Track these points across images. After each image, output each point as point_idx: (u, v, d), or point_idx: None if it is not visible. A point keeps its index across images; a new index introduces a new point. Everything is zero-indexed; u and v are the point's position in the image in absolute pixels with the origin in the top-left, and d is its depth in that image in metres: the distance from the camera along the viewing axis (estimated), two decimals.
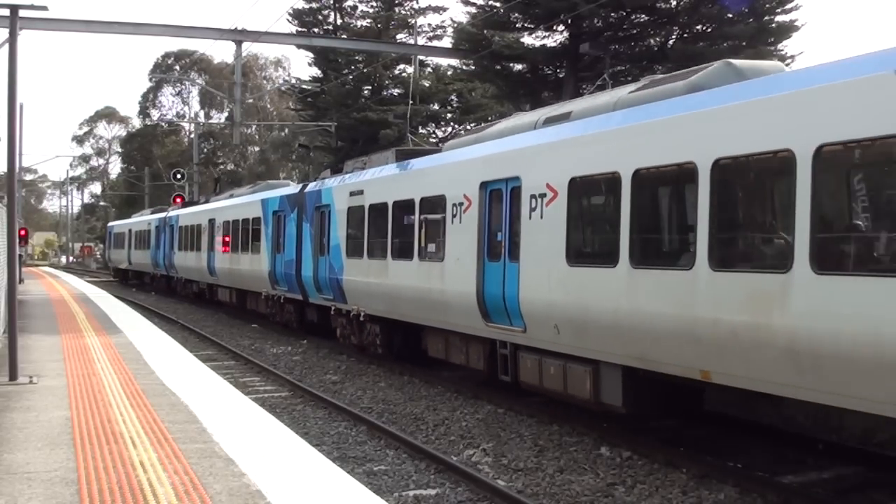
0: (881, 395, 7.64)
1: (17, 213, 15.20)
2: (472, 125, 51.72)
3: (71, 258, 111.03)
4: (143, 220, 49.51)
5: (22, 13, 14.04)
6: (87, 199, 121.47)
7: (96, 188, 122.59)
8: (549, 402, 14.34)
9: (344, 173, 21.83)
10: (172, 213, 42.18)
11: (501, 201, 13.70)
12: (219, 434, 9.54)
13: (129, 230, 53.16)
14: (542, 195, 12.44)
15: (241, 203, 30.15)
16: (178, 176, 57.04)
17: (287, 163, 78.93)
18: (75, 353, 16.48)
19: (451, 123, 50.55)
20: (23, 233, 38.23)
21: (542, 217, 12.45)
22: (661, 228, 11.16)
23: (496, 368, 14.22)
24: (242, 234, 28.97)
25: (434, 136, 49.30)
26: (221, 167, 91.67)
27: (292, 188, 25.78)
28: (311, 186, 23.32)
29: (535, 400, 14.57)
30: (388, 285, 17.67)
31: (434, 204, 15.95)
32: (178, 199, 50.10)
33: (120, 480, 7.68)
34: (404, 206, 17.20)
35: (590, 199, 12.29)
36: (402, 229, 17.38)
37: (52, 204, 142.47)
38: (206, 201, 38.51)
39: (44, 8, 13.51)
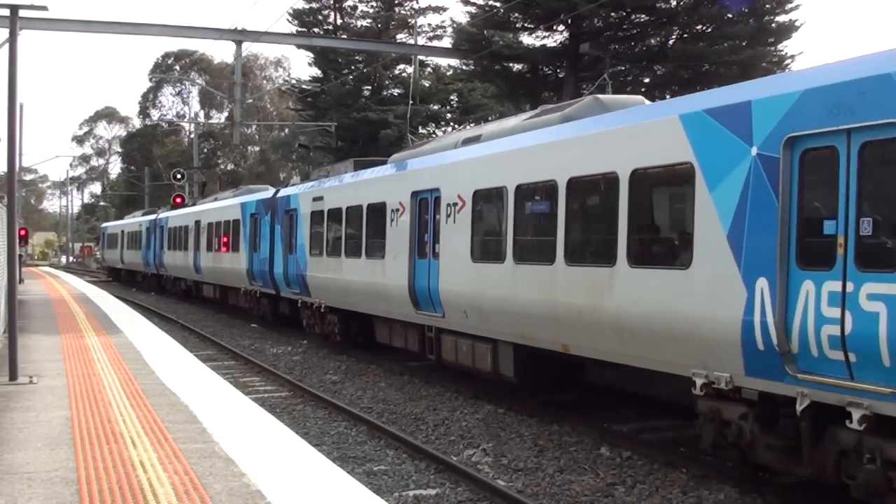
0: (672, 358, 10.14)
1: (17, 213, 15.20)
2: (471, 125, 51.83)
3: (71, 258, 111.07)
4: (135, 221, 51.80)
5: (22, 13, 14.04)
6: (87, 199, 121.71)
7: (96, 188, 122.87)
8: (550, 403, 14.36)
9: (311, 180, 24.50)
10: (162, 214, 44.08)
11: (427, 208, 16.30)
12: (219, 434, 9.54)
13: (122, 231, 55.57)
14: (455, 204, 15.07)
15: (223, 206, 32.38)
16: (178, 176, 57.06)
17: (287, 163, 78.93)
18: (75, 353, 16.48)
19: (451, 123, 50.55)
20: (23, 233, 38.28)
21: (454, 222, 15.09)
22: (533, 232, 13.44)
23: (426, 350, 16.63)
24: (224, 235, 31.09)
25: (434, 136, 49.31)
26: (221, 168, 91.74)
27: (267, 193, 28.07)
28: (283, 192, 25.80)
29: (535, 400, 14.58)
30: (342, 280, 20.18)
31: (378, 209, 18.35)
32: (178, 199, 50.11)
33: (120, 480, 7.68)
34: (355, 211, 19.68)
35: (487, 207, 14.64)
36: (353, 231, 19.84)
37: (52, 204, 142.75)
38: (194, 204, 40.84)
39: (44, 8, 13.51)
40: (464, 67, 42.56)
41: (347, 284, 19.86)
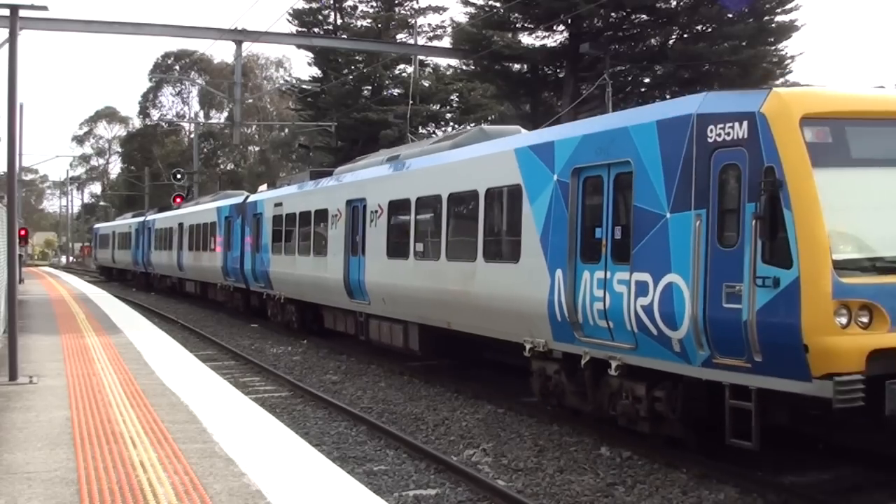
0: (513, 329, 13.52)
1: (17, 213, 15.21)
2: (472, 125, 51.82)
3: (71, 258, 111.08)
4: (125, 222, 55.71)
5: (22, 13, 14.04)
6: (87, 199, 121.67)
7: (96, 188, 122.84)
8: (550, 402, 14.36)
9: (275, 188, 28.30)
10: (150, 217, 47.52)
11: (358, 214, 19.73)
12: (219, 434, 9.55)
13: (113, 232, 59.32)
14: (376, 211, 18.61)
15: (201, 210, 35.80)
16: (178, 176, 57.10)
17: (287, 163, 78.89)
18: (75, 353, 16.49)
19: (451, 123, 50.55)
20: (23, 233, 38.31)
21: (376, 226, 18.59)
22: (428, 235, 16.68)
23: (359, 332, 20.19)
24: (203, 236, 34.50)
25: (434, 136, 49.31)
26: (221, 168, 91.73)
27: (239, 198, 31.20)
28: (251, 198, 29.35)
29: (535, 400, 14.59)
30: (296, 275, 23.62)
31: (322, 214, 21.85)
32: (178, 199, 50.20)
33: (120, 480, 7.68)
34: (306, 215, 23.12)
35: (398, 215, 17.94)
36: (304, 232, 23.31)
37: (52, 204, 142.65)
38: (178, 207, 44.53)
39: (44, 8, 13.51)
40: (464, 67, 42.58)
41: (300, 279, 23.36)
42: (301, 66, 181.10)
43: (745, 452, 10.67)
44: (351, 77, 47.41)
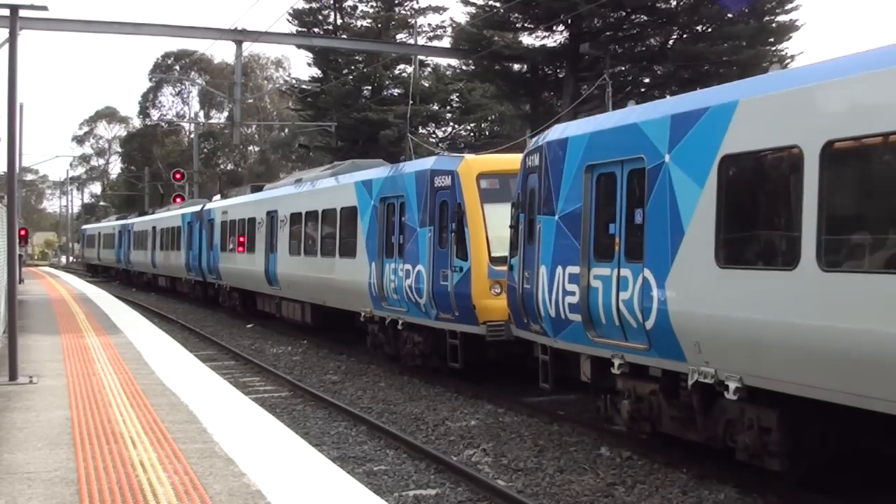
0: (357, 304, 19.31)
1: (17, 213, 15.21)
2: (471, 125, 51.81)
3: (71, 258, 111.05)
4: (110, 225, 62.85)
5: (22, 13, 14.04)
6: (87, 199, 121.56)
7: (96, 188, 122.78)
8: (549, 403, 14.36)
9: (226, 198, 35.09)
10: (130, 220, 53.56)
11: (273, 221, 25.80)
12: (219, 434, 9.54)
13: (99, 233, 66.93)
14: (283, 220, 24.92)
15: (170, 216, 42.29)
16: (178, 176, 57.07)
17: (287, 163, 78.87)
18: (75, 353, 16.49)
19: (451, 123, 50.54)
20: (23, 233, 38.36)
21: (282, 231, 24.95)
22: (306, 240, 23.19)
23: (277, 312, 26.41)
24: (171, 238, 40.50)
25: (434, 136, 49.32)
26: (221, 168, 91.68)
27: (199, 206, 36.93)
28: (207, 206, 35.42)
29: (535, 400, 14.60)
30: (237, 268, 29.93)
31: (252, 221, 28.13)
32: (178, 199, 50.26)
33: (120, 480, 7.68)
34: (241, 222, 29.51)
35: (295, 224, 24.02)
36: (241, 235, 29.40)
37: (52, 204, 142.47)
38: (153, 212, 50.44)
39: (44, 8, 13.51)
40: (464, 67, 42.59)
41: (240, 271, 29.56)
42: (301, 66, 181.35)
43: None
44: (351, 77, 47.40)
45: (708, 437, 10.18)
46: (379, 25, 49.52)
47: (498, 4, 33.91)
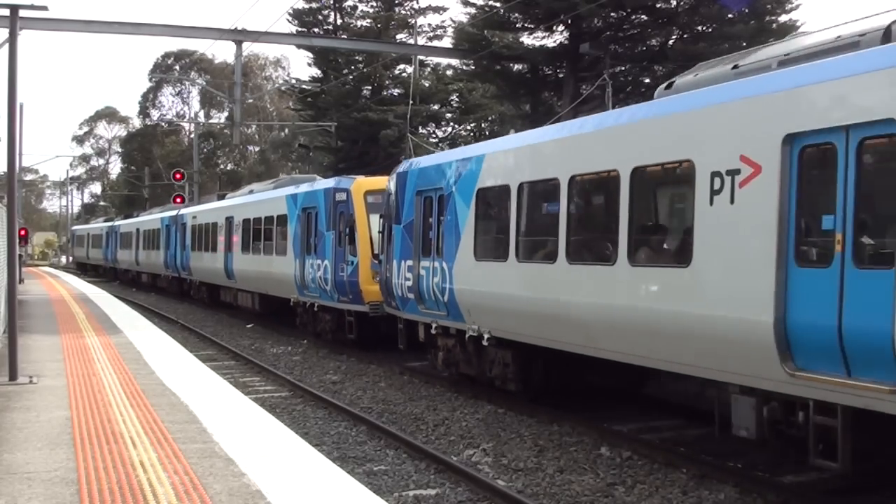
0: (287, 292, 24.77)
1: (17, 213, 15.21)
2: (471, 125, 51.73)
3: (70, 258, 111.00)
4: (98, 226, 69.61)
5: (22, 13, 14.04)
6: (87, 199, 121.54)
7: (96, 188, 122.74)
8: (550, 403, 14.37)
9: (223, 199, 38.60)
10: (116, 223, 60.03)
11: (230, 225, 31.16)
12: (219, 434, 9.55)
13: (88, 234, 74.12)
14: (238, 225, 30.10)
15: (151, 219, 47.73)
16: (178, 176, 57.01)
17: (287, 163, 78.84)
18: (75, 353, 16.49)
19: (451, 123, 50.50)
20: (23, 233, 38.39)
21: (237, 233, 30.06)
22: (254, 241, 28.07)
23: (234, 301, 32.10)
24: (152, 239, 45.80)
25: (434, 136, 49.28)
26: (221, 168, 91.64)
27: (174, 212, 42.36)
28: (181, 212, 40.68)
29: (534, 401, 14.60)
30: (203, 266, 35.22)
31: (215, 225, 33.24)
32: (178, 199, 50.28)
33: (120, 480, 7.68)
34: (207, 226, 34.55)
35: (246, 227, 29.23)
36: (208, 237, 34.26)
37: (52, 204, 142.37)
38: (137, 216, 56.12)
39: (44, 8, 13.50)
40: (464, 67, 42.50)
41: (206, 268, 34.83)
42: (301, 66, 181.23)
43: (747, 453, 10.68)
44: (351, 77, 47.35)
45: (479, 372, 15.23)
46: (379, 25, 49.46)
47: (498, 4, 33.86)
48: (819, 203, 8.51)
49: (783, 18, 31.37)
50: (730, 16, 30.92)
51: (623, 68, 33.78)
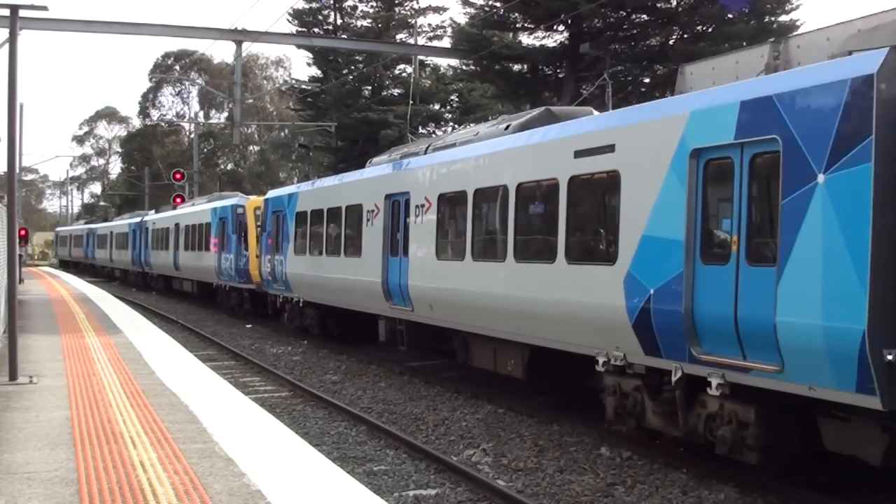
0: (207, 279, 35.12)
1: (17, 213, 15.21)
2: (471, 125, 51.64)
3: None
4: (78, 228, 79.93)
5: (22, 13, 14.04)
6: (87, 199, 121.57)
7: (96, 188, 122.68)
8: (550, 403, 14.37)
9: (157, 213, 49.62)
10: (94, 226, 70.42)
11: (178, 229, 38.44)
12: (219, 434, 9.54)
13: (70, 234, 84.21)
14: (182, 229, 38.27)
15: (121, 224, 56.92)
16: (178, 176, 57.00)
17: (287, 163, 78.88)
18: (75, 353, 16.49)
19: (452, 123, 50.44)
20: (23, 233, 38.34)
21: (180, 235, 38.58)
22: (192, 241, 36.44)
23: (179, 287, 41.05)
24: (122, 240, 54.46)
25: (434, 136, 49.23)
26: (221, 168, 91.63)
27: (139, 218, 51.05)
28: (145, 217, 49.48)
29: (535, 400, 14.59)
30: (160, 262, 43.30)
31: (167, 229, 41.09)
32: (178, 199, 50.26)
33: (120, 480, 7.68)
34: (163, 230, 42.03)
35: (187, 231, 37.35)
36: (163, 239, 41.57)
37: (52, 204, 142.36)
38: (111, 220, 67.66)
39: (44, 8, 13.51)
40: (464, 67, 42.52)
41: (163, 264, 42.60)
42: (301, 66, 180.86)
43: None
44: (351, 77, 47.34)
45: (301, 324, 24.40)
46: (379, 25, 49.43)
47: (498, 4, 33.87)
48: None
49: (783, 18, 31.38)
50: (730, 16, 30.92)
51: (623, 68, 33.78)
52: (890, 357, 7.81)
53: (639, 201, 10.74)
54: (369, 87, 48.42)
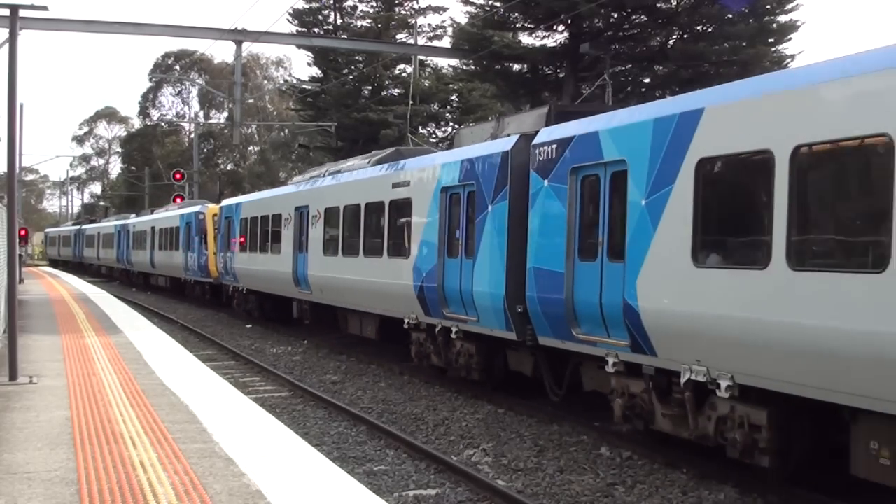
0: (176, 274, 41.93)
1: (17, 213, 15.21)
2: (471, 124, 51.62)
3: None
4: (67, 229, 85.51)
5: (22, 13, 14.03)
6: (87, 199, 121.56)
7: (96, 188, 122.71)
8: (550, 402, 14.37)
9: (138, 217, 54.21)
10: (84, 226, 74.23)
11: (153, 232, 44.95)
12: (219, 434, 9.55)
13: (59, 235, 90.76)
14: (157, 231, 44.49)
15: (108, 225, 62.39)
16: (178, 176, 57.02)
17: (287, 163, 78.79)
18: (75, 353, 16.49)
19: (451, 123, 50.41)
20: (23, 233, 38.47)
21: (157, 237, 44.52)
22: (164, 242, 42.91)
23: (157, 283, 47.27)
24: (109, 240, 59.93)
25: (434, 136, 49.23)
26: (221, 168, 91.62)
27: (122, 221, 56.62)
28: (126, 221, 54.64)
29: (535, 401, 14.59)
30: (140, 260, 48.58)
31: (145, 232, 47.00)
32: (178, 199, 50.30)
33: (120, 480, 7.68)
34: (141, 232, 47.74)
35: (161, 234, 43.59)
36: (141, 241, 47.36)
37: (52, 204, 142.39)
38: (99, 221, 71.77)
39: (44, 8, 13.50)
40: (464, 67, 42.47)
41: (141, 262, 48.36)
42: (301, 66, 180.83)
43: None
44: (351, 77, 47.33)
45: (243, 308, 30.71)
46: (379, 25, 49.41)
47: (498, 4, 33.86)
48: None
49: (783, 18, 31.39)
50: (730, 16, 30.91)
51: (623, 68, 33.78)
52: (519, 309, 13.22)
53: (419, 218, 16.47)
54: (369, 87, 48.42)
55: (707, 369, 9.68)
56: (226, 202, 33.12)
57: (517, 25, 34.73)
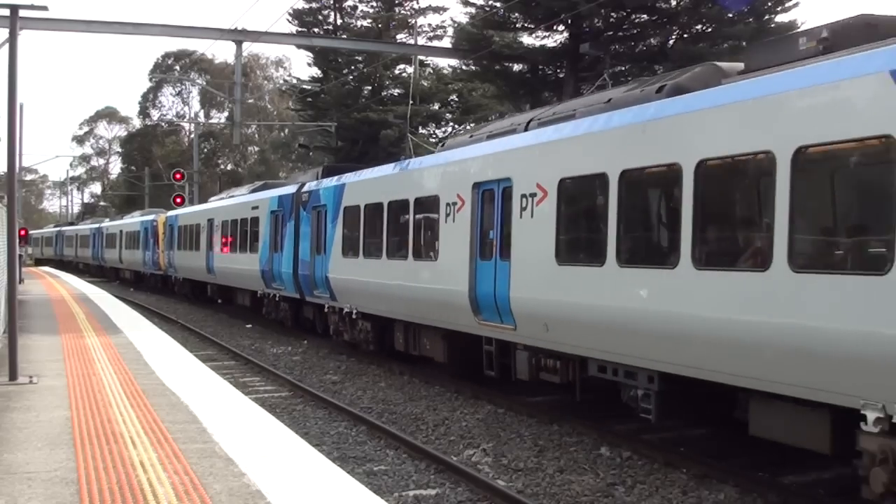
0: (141, 267, 51.17)
1: (17, 213, 15.21)
2: (471, 125, 51.67)
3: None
4: (49, 231, 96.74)
5: (22, 13, 14.03)
6: (87, 199, 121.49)
7: (96, 188, 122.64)
8: (550, 403, 14.37)
9: (110, 221, 63.10)
10: (63, 228, 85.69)
11: (122, 234, 54.73)
12: (219, 434, 9.55)
13: (42, 236, 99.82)
14: (124, 234, 53.66)
15: (84, 227, 70.78)
16: (178, 176, 56.98)
17: (287, 163, 78.75)
18: (75, 353, 16.49)
19: (451, 123, 50.44)
20: (23, 233, 38.54)
21: (124, 239, 53.96)
22: (130, 243, 52.75)
23: (125, 276, 56.74)
24: (85, 240, 68.39)
25: (434, 136, 49.22)
26: (221, 168, 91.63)
27: (98, 224, 64.61)
28: (101, 224, 62.81)
29: (535, 400, 14.59)
30: (111, 257, 58.70)
31: (114, 234, 56.40)
32: (179, 200, 50.30)
33: (120, 480, 7.68)
34: (112, 234, 57.65)
35: (128, 237, 53.02)
36: (112, 241, 57.29)
37: (52, 204, 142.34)
38: (78, 224, 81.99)
39: (44, 8, 13.51)
40: (464, 67, 42.46)
41: (111, 258, 57.57)
42: (301, 66, 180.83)
43: (747, 453, 10.67)
44: (351, 77, 47.33)
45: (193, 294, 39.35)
46: (379, 25, 49.42)
47: (498, 4, 33.85)
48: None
49: (783, 18, 31.38)
50: (730, 16, 30.91)
51: (623, 68, 33.74)
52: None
53: (262, 228, 26.71)
54: (369, 87, 48.41)
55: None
56: (171, 213, 43.13)
57: (517, 25, 34.72)
